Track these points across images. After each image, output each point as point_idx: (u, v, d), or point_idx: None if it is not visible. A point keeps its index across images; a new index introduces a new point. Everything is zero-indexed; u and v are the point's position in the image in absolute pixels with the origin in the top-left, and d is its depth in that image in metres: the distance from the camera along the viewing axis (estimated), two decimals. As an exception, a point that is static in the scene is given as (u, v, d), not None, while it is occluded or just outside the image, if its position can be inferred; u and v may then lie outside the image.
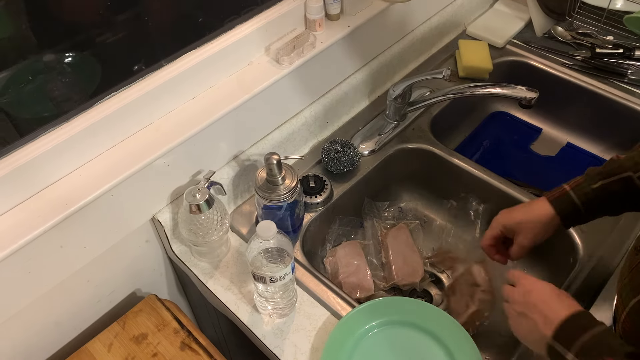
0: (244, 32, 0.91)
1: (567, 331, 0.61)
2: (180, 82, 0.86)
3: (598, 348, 0.58)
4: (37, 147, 0.75)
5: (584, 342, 0.59)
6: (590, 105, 1.22)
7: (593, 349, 0.58)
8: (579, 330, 0.60)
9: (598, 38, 1.30)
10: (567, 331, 0.62)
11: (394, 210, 1.12)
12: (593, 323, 0.61)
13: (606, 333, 0.59)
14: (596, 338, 0.59)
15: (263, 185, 0.86)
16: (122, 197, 0.82)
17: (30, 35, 0.92)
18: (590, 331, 0.59)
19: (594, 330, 0.59)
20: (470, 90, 0.99)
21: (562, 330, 0.62)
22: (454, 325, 0.80)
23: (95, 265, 0.86)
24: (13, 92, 0.89)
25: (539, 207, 0.79)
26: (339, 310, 0.84)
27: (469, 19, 1.37)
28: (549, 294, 0.67)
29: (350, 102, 1.13)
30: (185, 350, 0.84)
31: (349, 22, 1.02)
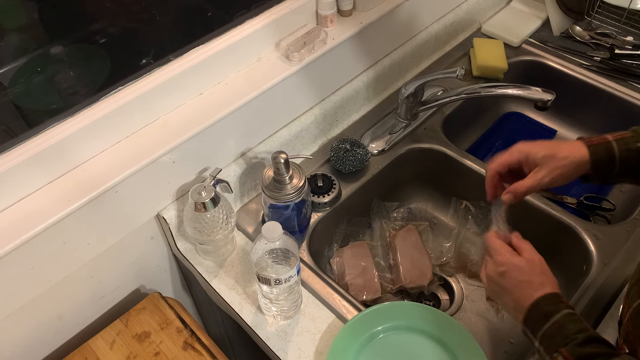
0: (253, 27, 0.90)
1: (534, 318, 0.63)
2: (187, 78, 0.85)
3: (556, 337, 0.59)
4: (41, 142, 0.74)
5: (545, 330, 0.61)
6: (607, 108, 1.19)
7: (553, 337, 0.60)
8: (543, 317, 0.62)
9: (617, 38, 1.26)
10: (533, 318, 0.63)
11: (403, 211, 1.10)
12: (556, 309, 0.62)
13: (566, 319, 0.60)
14: (556, 325, 0.60)
15: (270, 184, 0.84)
16: (127, 194, 0.81)
17: (40, 26, 0.91)
18: (552, 318, 0.61)
19: (555, 317, 0.61)
20: (484, 91, 0.97)
21: (530, 317, 0.63)
22: (462, 332, 0.78)
23: (99, 262, 0.85)
24: (22, 84, 0.88)
25: (573, 146, 0.70)
26: (345, 313, 0.83)
27: (485, 16, 1.34)
28: (520, 275, 0.66)
29: (361, 100, 1.11)
30: (188, 350, 0.83)
31: (361, 18, 1.00)
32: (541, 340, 0.61)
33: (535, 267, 0.67)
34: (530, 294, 0.65)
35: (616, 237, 0.91)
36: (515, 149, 0.73)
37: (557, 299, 0.63)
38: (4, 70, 0.87)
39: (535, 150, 0.71)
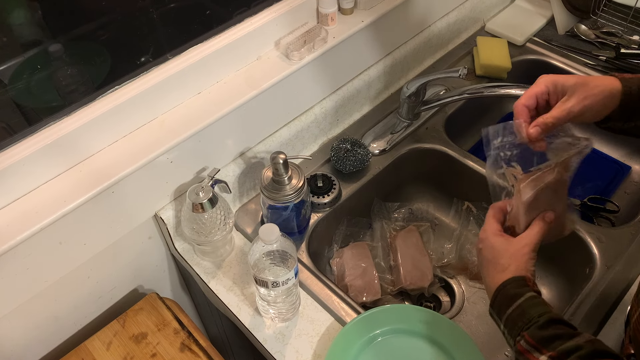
0: (253, 25, 0.88)
1: (499, 301, 0.63)
2: (186, 76, 0.84)
3: (519, 321, 0.59)
4: (37, 140, 0.73)
5: (509, 314, 0.61)
6: (612, 108, 1.17)
7: (516, 321, 0.60)
8: (508, 300, 0.61)
9: (623, 38, 1.24)
10: (499, 301, 0.63)
11: (404, 211, 1.09)
12: (520, 292, 0.61)
13: (528, 302, 0.60)
14: (519, 309, 0.60)
15: (269, 185, 0.84)
16: (124, 194, 0.80)
17: (40, 24, 0.91)
18: (516, 302, 0.60)
19: (519, 301, 0.60)
20: (487, 91, 0.96)
21: (496, 300, 0.63)
22: (462, 336, 0.77)
23: (97, 262, 0.85)
24: (22, 81, 0.88)
25: (605, 78, 0.65)
26: (344, 316, 0.82)
27: (488, 15, 1.32)
28: (489, 255, 0.66)
29: (362, 100, 1.10)
30: (185, 352, 0.82)
31: (362, 16, 0.99)
32: (505, 324, 0.61)
33: (508, 249, 0.65)
34: (494, 276, 0.64)
35: (620, 240, 0.90)
36: (541, 78, 0.66)
37: (523, 282, 0.62)
38: (4, 68, 0.87)
39: (565, 78, 0.65)
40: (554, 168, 0.64)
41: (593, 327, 0.80)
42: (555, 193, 0.66)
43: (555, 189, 0.66)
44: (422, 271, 0.99)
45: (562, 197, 0.68)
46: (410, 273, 0.98)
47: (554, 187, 0.65)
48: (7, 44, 0.89)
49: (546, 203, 0.66)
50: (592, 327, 0.80)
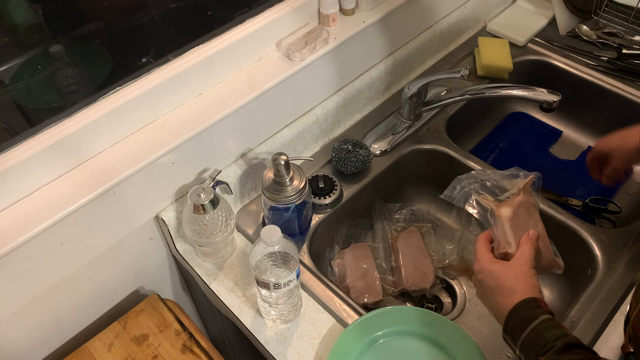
0: (254, 26, 0.88)
1: (512, 325, 0.63)
2: (187, 78, 0.84)
3: (535, 345, 0.60)
4: (38, 142, 0.73)
5: (524, 338, 0.61)
6: (614, 108, 1.17)
7: (532, 345, 0.60)
8: (522, 324, 0.62)
9: (625, 38, 1.24)
10: (512, 325, 0.63)
11: (405, 212, 1.09)
12: (534, 314, 0.62)
13: (543, 325, 0.60)
14: (533, 333, 0.60)
15: (270, 186, 0.83)
16: (125, 195, 0.80)
17: (41, 24, 0.91)
18: (530, 325, 0.61)
19: (533, 324, 0.61)
20: (488, 91, 0.95)
21: (509, 325, 0.64)
22: (464, 337, 0.77)
23: (98, 263, 0.84)
24: (23, 82, 0.88)
25: (634, 133, 0.86)
26: (345, 317, 0.81)
27: (490, 15, 1.32)
28: (493, 282, 0.68)
29: (364, 100, 1.10)
30: (186, 354, 0.82)
31: (364, 17, 0.98)
32: (521, 349, 0.62)
33: (508, 272, 0.67)
34: (504, 301, 0.65)
35: (622, 241, 0.90)
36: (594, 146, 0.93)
37: (535, 304, 0.63)
38: (5, 68, 0.86)
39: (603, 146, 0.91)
40: (519, 192, 0.75)
41: (595, 328, 0.79)
42: (528, 213, 0.74)
43: (526, 208, 0.74)
44: (424, 272, 0.99)
45: (536, 219, 0.75)
46: (411, 274, 0.98)
47: (525, 207, 0.74)
48: (7, 45, 0.89)
49: (525, 222, 0.73)
50: (595, 328, 0.80)
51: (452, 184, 0.81)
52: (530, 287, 0.65)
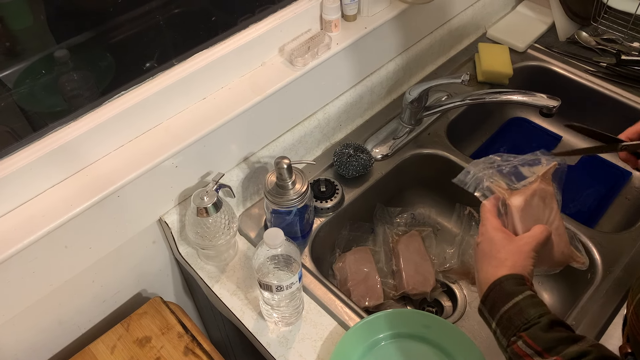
0: (257, 31, 0.89)
1: (493, 297, 0.61)
2: (191, 82, 0.84)
3: (516, 320, 0.57)
4: (44, 145, 0.74)
5: (504, 312, 0.58)
6: (613, 114, 1.18)
7: (512, 319, 0.57)
8: (503, 298, 0.59)
9: (624, 45, 1.25)
10: (492, 297, 0.61)
11: (406, 216, 1.09)
12: (519, 290, 0.59)
13: (527, 301, 0.58)
14: (516, 308, 0.58)
15: (272, 190, 0.84)
16: (129, 198, 0.81)
17: (45, 29, 0.92)
18: (512, 300, 0.58)
19: (515, 299, 0.58)
20: (489, 97, 0.96)
21: (489, 296, 0.61)
22: (465, 340, 0.78)
23: (101, 266, 0.85)
24: (27, 86, 0.89)
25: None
26: (347, 320, 0.82)
27: (490, 21, 1.33)
28: (487, 248, 0.65)
29: (365, 105, 1.11)
30: (189, 356, 0.82)
31: (366, 23, 1.00)
32: (499, 322, 0.59)
33: (507, 245, 0.64)
34: (490, 271, 0.62)
35: (621, 245, 0.90)
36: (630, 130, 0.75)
37: (521, 281, 0.60)
38: (9, 72, 0.87)
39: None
40: (536, 179, 0.69)
41: (595, 332, 0.80)
42: (544, 203, 0.68)
43: (542, 197, 0.68)
44: (425, 276, 1.00)
45: (553, 210, 0.69)
46: (412, 278, 0.99)
47: (542, 196, 0.68)
48: (11, 49, 0.90)
49: (538, 213, 0.68)
50: (594, 331, 0.80)
51: (466, 168, 0.74)
52: (521, 266, 0.61)
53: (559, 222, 0.70)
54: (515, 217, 0.67)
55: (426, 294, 0.99)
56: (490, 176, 0.72)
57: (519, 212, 0.67)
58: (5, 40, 0.88)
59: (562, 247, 0.69)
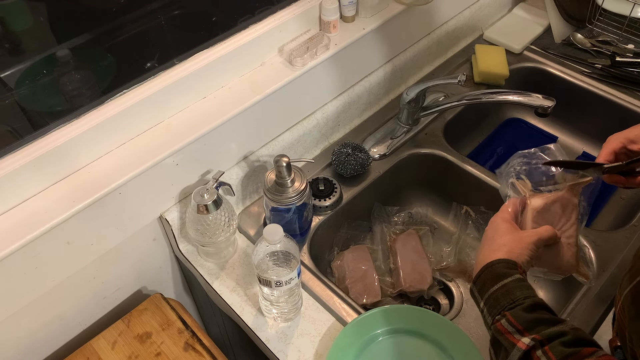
0: (257, 32, 0.91)
1: (484, 278, 0.63)
2: (191, 81, 0.86)
3: (502, 300, 0.59)
4: (46, 143, 0.75)
5: (492, 292, 0.60)
6: (608, 115, 1.19)
7: (499, 299, 0.59)
8: (493, 278, 0.61)
9: (619, 46, 1.27)
10: (483, 278, 0.63)
11: (403, 215, 1.11)
12: (509, 273, 0.61)
13: (515, 283, 0.60)
14: (504, 289, 0.60)
15: (272, 187, 0.85)
16: (131, 195, 0.82)
17: (47, 29, 0.93)
18: (501, 281, 0.60)
19: (504, 281, 0.60)
20: (485, 97, 0.98)
21: (480, 277, 0.63)
22: (461, 336, 0.79)
23: (102, 262, 0.86)
24: (28, 86, 0.90)
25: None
26: (345, 316, 0.83)
27: (487, 23, 1.35)
28: (490, 232, 0.67)
29: (363, 105, 1.12)
30: (189, 351, 0.83)
31: (364, 24, 1.01)
32: (486, 301, 0.61)
33: (509, 234, 0.66)
34: (487, 254, 0.65)
35: (615, 243, 0.92)
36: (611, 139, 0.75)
37: (513, 265, 0.62)
38: (11, 72, 0.88)
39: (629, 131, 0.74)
40: (563, 188, 0.71)
41: (589, 328, 0.81)
42: (563, 212, 0.70)
43: (563, 206, 0.70)
44: (422, 274, 1.01)
45: (570, 219, 0.71)
46: (409, 276, 1.00)
47: (563, 204, 0.70)
48: (12, 49, 0.91)
49: (554, 220, 0.70)
50: (588, 327, 0.81)
51: (510, 158, 0.75)
52: (517, 254, 0.63)
53: (572, 233, 0.71)
54: (529, 217, 0.69)
55: (423, 292, 1.00)
56: (519, 173, 0.73)
57: (534, 212, 0.69)
58: (5, 42, 0.89)
59: (569, 256, 0.71)
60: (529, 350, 0.54)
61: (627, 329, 0.60)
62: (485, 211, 1.06)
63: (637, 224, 0.95)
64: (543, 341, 0.54)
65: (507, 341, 0.56)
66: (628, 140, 0.74)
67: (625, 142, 0.74)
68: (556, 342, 0.53)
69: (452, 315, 1.00)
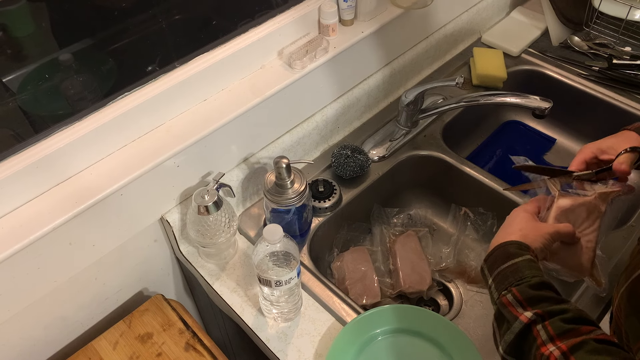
0: (257, 35, 0.92)
1: (495, 256, 0.64)
2: (192, 84, 0.87)
3: (511, 277, 0.61)
4: (49, 145, 0.76)
5: (502, 269, 0.62)
6: (605, 117, 1.20)
7: (507, 276, 0.61)
8: (504, 258, 0.63)
9: (615, 49, 1.28)
10: (494, 256, 0.65)
11: (403, 217, 1.11)
12: (520, 253, 0.63)
13: (525, 263, 0.61)
14: (513, 267, 0.61)
15: (272, 189, 0.86)
16: (132, 197, 0.82)
17: (48, 33, 0.94)
18: (512, 260, 0.62)
19: (515, 260, 0.62)
20: (483, 99, 0.99)
21: (492, 255, 0.65)
22: (461, 336, 0.79)
23: (104, 264, 0.87)
24: (30, 90, 0.91)
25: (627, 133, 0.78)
26: (344, 316, 0.84)
27: (485, 26, 1.36)
28: (509, 219, 0.70)
29: (362, 108, 1.13)
30: (190, 351, 0.84)
31: (362, 27, 1.02)
32: (494, 278, 0.62)
33: (529, 222, 0.68)
34: (502, 235, 0.67)
35: (613, 243, 0.92)
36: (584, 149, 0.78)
37: (526, 247, 0.64)
38: (13, 77, 0.89)
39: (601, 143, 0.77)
40: (592, 194, 0.72)
41: (587, 327, 0.82)
42: (588, 216, 0.71)
43: (589, 211, 0.71)
44: (421, 275, 1.01)
45: (593, 225, 0.72)
46: (409, 277, 1.00)
47: (589, 209, 0.71)
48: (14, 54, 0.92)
49: (577, 221, 0.71)
50: (586, 327, 0.82)
51: None
52: (531, 239, 0.65)
53: (592, 237, 0.72)
54: (553, 213, 0.71)
55: (423, 293, 1.01)
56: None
57: (558, 210, 0.71)
58: (7, 47, 0.90)
59: (585, 260, 0.71)
60: (530, 323, 0.56)
61: (623, 325, 0.61)
62: (484, 212, 1.07)
63: (634, 224, 0.96)
64: (544, 316, 0.55)
65: (510, 314, 0.58)
66: (600, 151, 0.76)
67: (597, 152, 0.76)
68: (556, 318, 0.55)
69: (451, 315, 1.00)
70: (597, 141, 0.78)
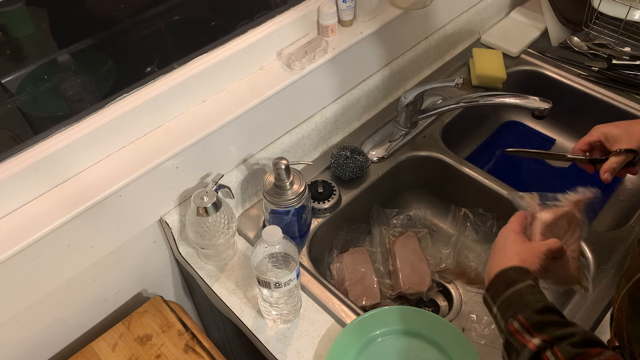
0: (256, 36, 0.92)
1: (497, 284, 0.64)
2: (191, 85, 0.87)
3: (515, 304, 0.60)
4: (48, 146, 0.76)
5: (505, 297, 0.62)
6: (605, 117, 1.19)
7: (512, 304, 0.61)
8: (506, 284, 0.63)
9: (615, 49, 1.28)
10: (496, 284, 0.64)
11: (402, 218, 1.11)
12: (521, 279, 0.62)
13: (528, 289, 0.61)
14: (517, 294, 0.61)
15: (271, 190, 0.86)
16: (131, 198, 0.82)
17: (47, 35, 0.94)
18: (514, 287, 0.62)
19: (517, 286, 0.62)
20: (482, 100, 0.99)
21: (493, 284, 0.65)
22: (460, 337, 0.79)
23: (103, 265, 0.87)
24: (29, 91, 0.91)
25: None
26: (344, 317, 0.84)
27: (484, 27, 1.36)
28: (501, 242, 0.69)
29: (362, 109, 1.13)
30: (189, 353, 0.84)
31: (361, 28, 1.02)
32: (499, 306, 0.62)
33: (521, 244, 0.67)
34: (500, 262, 0.66)
35: (613, 243, 0.92)
36: (593, 131, 0.81)
37: (526, 272, 0.64)
38: (12, 78, 0.89)
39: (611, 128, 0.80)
40: (568, 204, 0.74)
41: (587, 328, 0.82)
42: (569, 226, 0.73)
43: (569, 221, 0.73)
44: (421, 276, 1.01)
45: (574, 234, 0.73)
46: (408, 278, 1.00)
47: (569, 219, 0.73)
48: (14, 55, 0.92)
49: (560, 233, 0.72)
50: (587, 327, 0.82)
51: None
52: (529, 262, 0.65)
53: (575, 247, 0.73)
54: (537, 229, 0.71)
55: (422, 294, 1.01)
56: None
57: (543, 225, 0.71)
58: (7, 48, 0.90)
59: (573, 269, 0.73)
60: (538, 351, 0.56)
61: (625, 329, 0.61)
62: (484, 213, 1.07)
63: (634, 225, 0.96)
64: (552, 342, 0.55)
65: (517, 342, 0.58)
66: (605, 138, 0.79)
67: (603, 137, 0.79)
68: (565, 342, 0.55)
69: (451, 316, 1.00)
70: (608, 125, 0.79)
